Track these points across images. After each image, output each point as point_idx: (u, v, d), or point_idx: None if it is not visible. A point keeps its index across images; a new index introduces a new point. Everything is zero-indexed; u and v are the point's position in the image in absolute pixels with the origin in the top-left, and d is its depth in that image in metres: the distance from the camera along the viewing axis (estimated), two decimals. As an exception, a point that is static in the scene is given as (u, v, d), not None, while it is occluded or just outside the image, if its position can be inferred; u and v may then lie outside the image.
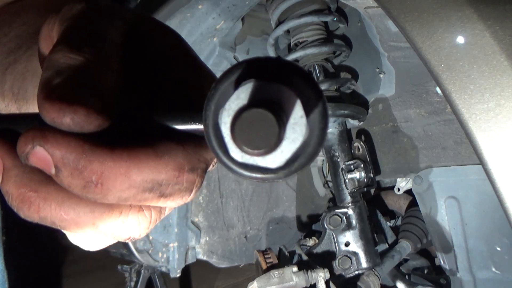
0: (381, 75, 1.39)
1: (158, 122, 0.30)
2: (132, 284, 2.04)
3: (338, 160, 1.41)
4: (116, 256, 1.96)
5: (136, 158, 0.28)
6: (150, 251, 1.69)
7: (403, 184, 1.49)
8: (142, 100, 0.35)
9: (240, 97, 0.24)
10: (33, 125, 0.29)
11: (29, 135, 0.27)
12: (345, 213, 1.36)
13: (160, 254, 1.72)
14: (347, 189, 1.38)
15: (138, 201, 0.30)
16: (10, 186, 0.30)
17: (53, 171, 0.28)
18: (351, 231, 1.35)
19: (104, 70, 0.30)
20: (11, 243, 0.91)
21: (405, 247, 1.47)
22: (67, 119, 0.27)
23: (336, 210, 1.36)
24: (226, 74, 0.25)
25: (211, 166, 0.33)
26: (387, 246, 1.54)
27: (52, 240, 2.68)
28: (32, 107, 0.40)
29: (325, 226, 1.36)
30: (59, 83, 0.28)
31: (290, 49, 1.48)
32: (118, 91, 0.31)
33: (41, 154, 0.27)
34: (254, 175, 0.25)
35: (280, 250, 1.58)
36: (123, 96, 0.31)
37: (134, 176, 0.28)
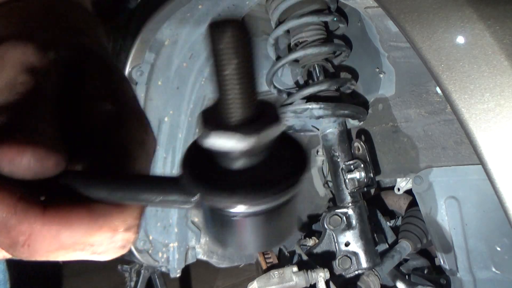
0: (381, 75, 1.39)
1: (102, 184, 0.29)
2: (132, 284, 2.04)
3: (338, 160, 1.41)
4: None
5: (69, 220, 0.28)
6: (150, 251, 1.68)
7: (403, 184, 1.49)
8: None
9: None
10: None
11: None
12: (345, 213, 1.36)
13: (160, 254, 1.72)
14: (347, 189, 1.38)
15: (67, 258, 0.29)
16: None
17: None
18: (351, 231, 1.35)
19: (50, 124, 0.29)
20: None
21: (405, 247, 1.46)
22: (26, 159, 0.26)
23: (336, 210, 1.36)
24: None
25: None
26: (387, 246, 1.54)
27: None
28: None
29: (325, 226, 1.36)
30: (5, 125, 0.27)
31: (290, 49, 1.48)
32: (60, 131, 0.30)
33: None
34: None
35: (280, 250, 1.58)
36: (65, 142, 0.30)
37: (64, 239, 0.28)
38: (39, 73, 0.31)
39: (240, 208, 0.25)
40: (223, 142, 0.22)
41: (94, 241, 0.29)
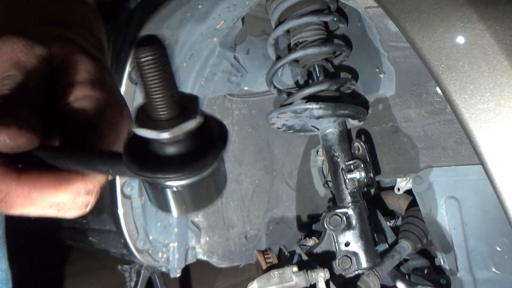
0: (381, 75, 1.39)
1: (67, 156, 0.37)
2: (132, 284, 2.04)
3: (338, 160, 1.41)
4: (116, 256, 1.95)
5: (39, 183, 0.35)
6: (150, 251, 1.68)
7: (403, 184, 1.49)
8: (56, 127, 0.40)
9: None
10: None
11: None
12: (345, 213, 1.36)
13: (160, 254, 1.72)
14: (347, 189, 1.38)
15: (38, 214, 0.37)
16: None
17: None
18: (351, 231, 1.35)
19: (32, 110, 0.37)
20: (11, 243, 0.92)
21: (405, 247, 1.46)
22: (2, 137, 0.33)
23: (336, 210, 1.36)
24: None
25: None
26: (387, 246, 1.54)
27: (52, 240, 2.68)
28: None
29: (325, 226, 1.36)
30: None
31: (290, 49, 1.48)
32: (40, 115, 0.37)
33: None
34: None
35: (280, 250, 1.58)
36: (43, 121, 0.38)
37: (34, 198, 0.35)
38: (25, 67, 0.38)
39: (166, 181, 0.33)
40: (146, 134, 0.30)
41: (59, 201, 0.36)
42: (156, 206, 0.38)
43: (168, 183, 0.33)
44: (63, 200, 0.36)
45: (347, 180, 1.37)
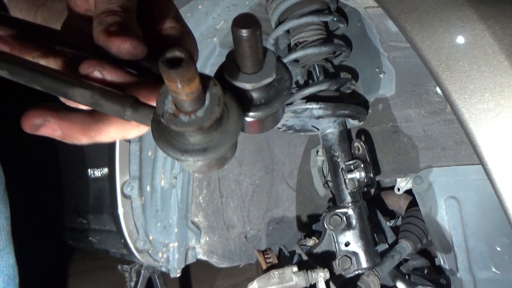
0: (381, 75, 1.39)
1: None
2: (132, 284, 2.04)
3: (338, 160, 1.41)
4: (116, 256, 1.95)
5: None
6: (150, 251, 1.69)
7: (403, 184, 1.49)
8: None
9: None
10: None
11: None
12: (345, 213, 1.36)
13: (160, 254, 1.72)
14: (347, 189, 1.38)
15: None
16: None
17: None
18: (351, 231, 1.35)
19: (137, 25, 0.44)
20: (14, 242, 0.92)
21: (405, 247, 1.46)
22: (127, 45, 0.41)
23: (336, 210, 1.36)
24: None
25: None
26: (387, 246, 1.54)
27: (52, 240, 2.68)
28: None
29: (325, 226, 1.36)
30: (116, 23, 0.42)
31: (290, 49, 1.48)
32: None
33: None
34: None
35: (280, 250, 1.58)
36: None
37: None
38: None
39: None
40: (240, 85, 0.40)
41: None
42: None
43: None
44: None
45: (347, 180, 1.37)
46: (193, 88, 0.33)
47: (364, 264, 1.34)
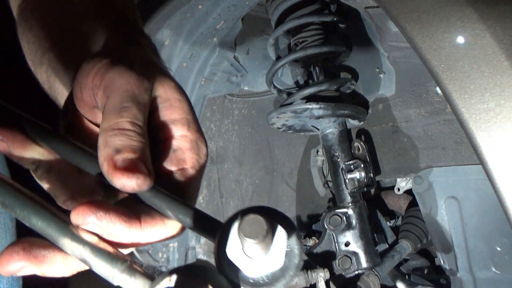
0: (381, 75, 1.39)
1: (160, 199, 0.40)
2: (132, 284, 2.04)
3: (338, 160, 1.41)
4: (116, 256, 1.95)
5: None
6: (150, 251, 1.68)
7: (403, 184, 1.49)
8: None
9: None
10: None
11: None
12: (345, 213, 1.36)
13: (160, 254, 1.72)
14: (347, 189, 1.38)
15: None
16: None
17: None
18: (351, 231, 1.35)
19: (146, 147, 0.39)
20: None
21: (405, 247, 1.46)
22: (133, 183, 0.36)
23: (336, 210, 1.36)
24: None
25: None
26: (387, 246, 1.54)
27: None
28: (60, 101, 0.51)
29: (325, 226, 1.36)
30: (123, 159, 0.37)
31: (290, 49, 1.48)
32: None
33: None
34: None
35: (280, 250, 1.57)
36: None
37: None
38: (138, 100, 0.40)
39: None
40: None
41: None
42: None
43: None
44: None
45: (347, 180, 1.37)
46: None
47: (364, 264, 1.34)
